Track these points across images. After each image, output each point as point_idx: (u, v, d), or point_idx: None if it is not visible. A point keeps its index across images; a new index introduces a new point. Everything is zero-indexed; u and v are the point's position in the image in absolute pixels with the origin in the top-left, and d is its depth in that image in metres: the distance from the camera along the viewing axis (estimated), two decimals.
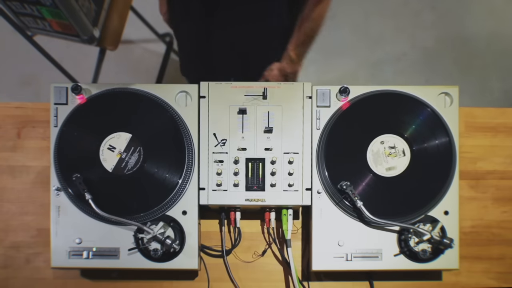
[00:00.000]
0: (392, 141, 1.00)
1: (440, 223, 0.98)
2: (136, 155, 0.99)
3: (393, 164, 1.00)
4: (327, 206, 1.00)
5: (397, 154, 1.00)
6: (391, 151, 1.00)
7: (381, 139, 1.00)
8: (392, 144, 1.00)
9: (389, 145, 1.00)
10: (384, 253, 0.99)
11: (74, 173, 0.97)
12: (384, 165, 1.00)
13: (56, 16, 1.58)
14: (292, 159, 0.99)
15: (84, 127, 1.01)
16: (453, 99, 1.02)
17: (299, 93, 1.01)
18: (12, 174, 1.12)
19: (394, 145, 1.00)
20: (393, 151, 1.00)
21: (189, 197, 0.99)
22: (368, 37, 2.37)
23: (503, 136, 1.15)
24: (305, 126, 1.01)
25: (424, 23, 2.40)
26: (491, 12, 2.42)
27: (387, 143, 1.00)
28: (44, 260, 1.09)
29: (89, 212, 0.99)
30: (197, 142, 1.01)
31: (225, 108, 1.00)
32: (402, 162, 1.00)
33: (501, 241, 1.11)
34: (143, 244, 0.97)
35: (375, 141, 1.00)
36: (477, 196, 1.13)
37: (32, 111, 1.14)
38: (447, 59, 2.35)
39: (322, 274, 1.07)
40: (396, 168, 1.00)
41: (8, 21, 1.67)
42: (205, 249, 1.07)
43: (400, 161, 1.00)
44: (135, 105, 1.02)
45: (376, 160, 1.00)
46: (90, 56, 1.97)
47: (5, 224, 1.11)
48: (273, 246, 1.07)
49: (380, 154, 1.00)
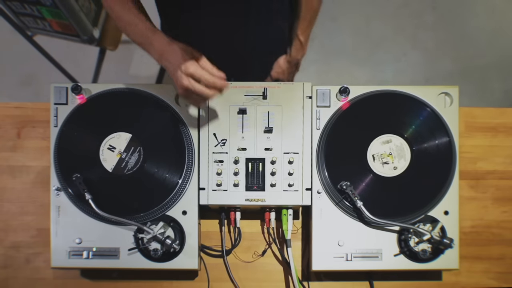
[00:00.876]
0: (392, 141, 1.00)
1: (440, 223, 0.98)
2: (136, 155, 0.99)
3: (393, 164, 1.00)
4: (327, 206, 1.00)
5: (397, 154, 1.00)
6: (391, 151, 1.00)
7: (381, 139, 1.00)
8: (392, 144, 1.00)
9: (389, 145, 1.00)
10: (384, 253, 0.99)
11: (74, 173, 0.97)
12: (384, 165, 1.00)
13: (56, 16, 1.58)
14: (292, 159, 0.99)
15: (84, 127, 1.01)
16: (453, 99, 1.02)
17: (299, 93, 1.01)
18: (12, 174, 1.12)
19: (394, 145, 1.00)
20: (393, 151, 1.00)
21: (189, 197, 0.99)
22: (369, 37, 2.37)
23: (503, 136, 1.15)
24: (305, 126, 1.01)
25: (424, 24, 2.40)
26: (492, 13, 2.42)
27: (387, 143, 1.00)
28: (44, 260, 1.09)
29: (89, 212, 0.99)
30: (197, 142, 1.01)
31: (225, 108, 1.00)
32: (402, 162, 1.00)
33: (501, 241, 1.11)
34: (143, 244, 0.97)
35: (375, 141, 1.00)
36: (477, 196, 1.13)
37: (32, 111, 1.14)
38: (447, 59, 2.34)
39: (322, 274, 1.07)
40: (396, 168, 1.00)
41: (8, 21, 1.67)
42: (205, 249, 1.07)
43: (400, 161, 1.00)
44: (135, 105, 1.02)
45: (376, 160, 1.00)
46: (90, 56, 1.97)
47: (5, 224, 1.11)
48: (273, 246, 1.07)
49: (380, 154, 1.00)
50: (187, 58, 0.86)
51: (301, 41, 1.18)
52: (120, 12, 0.98)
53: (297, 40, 1.18)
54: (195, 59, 0.87)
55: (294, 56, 1.22)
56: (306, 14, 1.13)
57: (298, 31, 1.17)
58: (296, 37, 1.18)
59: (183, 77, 0.86)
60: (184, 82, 0.86)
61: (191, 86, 0.86)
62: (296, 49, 1.20)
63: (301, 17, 1.14)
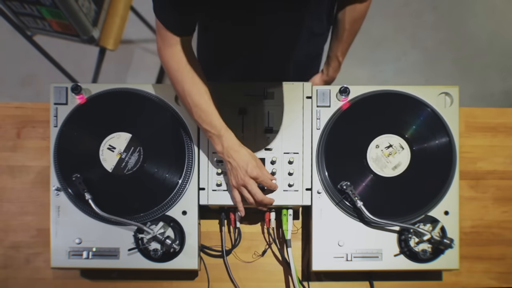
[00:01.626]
0: (392, 141, 1.00)
1: (440, 223, 0.98)
2: (136, 155, 0.99)
3: (393, 164, 1.00)
4: (327, 206, 1.00)
5: (397, 154, 1.00)
6: (391, 151, 1.00)
7: (381, 139, 1.00)
8: (392, 144, 1.00)
9: (389, 145, 1.00)
10: (384, 253, 0.99)
11: (74, 173, 0.97)
12: (384, 165, 1.00)
13: (56, 16, 1.58)
14: (292, 159, 0.99)
15: (84, 127, 1.01)
16: (453, 99, 1.02)
17: (299, 93, 1.01)
18: (12, 174, 1.12)
19: (394, 145, 1.00)
20: (393, 151, 1.00)
21: (189, 197, 0.99)
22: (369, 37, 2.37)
23: (503, 136, 1.15)
24: (305, 126, 1.01)
25: (424, 24, 2.40)
26: (492, 13, 2.42)
27: (387, 143, 1.00)
28: (44, 260, 1.08)
29: (89, 212, 0.99)
30: (197, 142, 1.01)
31: (225, 108, 1.00)
32: (402, 162, 1.00)
33: (501, 241, 1.11)
34: (143, 244, 0.97)
35: (375, 141, 1.00)
36: (477, 196, 1.13)
37: (32, 111, 1.14)
38: (447, 59, 2.34)
39: (322, 274, 1.07)
40: (396, 168, 1.00)
41: (8, 21, 1.67)
42: (205, 249, 1.07)
43: (400, 161, 1.00)
44: (135, 105, 1.02)
45: (376, 160, 1.00)
46: (90, 56, 1.97)
47: (5, 224, 1.11)
48: (273, 246, 1.07)
49: (380, 154, 1.00)
50: (254, 163, 0.92)
51: (340, 62, 1.17)
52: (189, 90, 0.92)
53: (336, 61, 1.16)
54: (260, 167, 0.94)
55: (331, 76, 1.20)
56: (348, 38, 1.11)
57: (338, 52, 1.15)
58: (336, 58, 1.16)
59: (245, 178, 0.92)
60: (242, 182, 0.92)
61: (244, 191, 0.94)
62: (334, 70, 1.19)
63: (343, 40, 1.11)
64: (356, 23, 1.09)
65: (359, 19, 1.08)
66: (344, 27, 1.08)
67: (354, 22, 1.08)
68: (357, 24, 1.09)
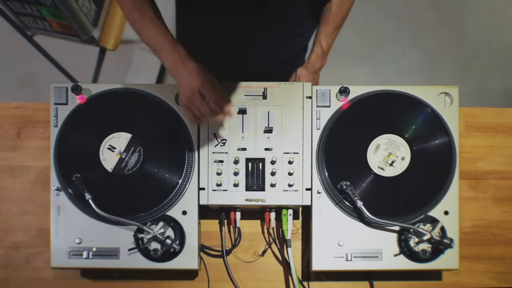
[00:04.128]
0: (392, 141, 1.00)
1: (440, 223, 0.98)
2: (136, 155, 0.99)
3: (393, 164, 1.00)
4: (327, 206, 1.00)
5: (397, 154, 1.00)
6: (391, 151, 1.00)
7: (381, 139, 1.00)
8: (392, 144, 1.00)
9: (389, 145, 1.00)
10: (384, 253, 0.99)
11: (74, 173, 0.97)
12: (384, 165, 1.00)
13: (56, 16, 1.58)
14: (292, 159, 0.99)
15: (84, 127, 1.01)
16: (453, 99, 1.02)
17: (299, 93, 1.01)
18: (12, 174, 1.12)
19: (394, 145, 1.00)
20: (393, 151, 1.00)
21: (189, 197, 0.99)
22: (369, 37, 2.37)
23: (503, 136, 1.15)
24: (305, 126, 1.01)
25: (424, 24, 2.40)
26: (491, 12, 2.42)
27: (387, 143, 1.00)
28: (44, 260, 1.09)
29: (89, 212, 0.99)
30: (197, 142, 1.01)
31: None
32: (402, 162, 1.00)
33: (501, 241, 1.11)
34: (143, 244, 0.97)
35: (375, 141, 1.00)
36: (477, 196, 1.13)
37: (32, 111, 1.14)
38: (447, 59, 2.34)
39: (322, 274, 1.07)
40: (396, 168, 1.00)
41: (8, 21, 1.67)
42: (205, 249, 1.07)
43: (400, 161, 1.00)
44: (135, 105, 1.02)
45: (376, 160, 1.00)
46: (90, 56, 1.96)
47: (5, 224, 1.11)
48: (273, 246, 1.07)
49: (380, 154, 1.00)
50: (202, 74, 0.89)
51: (323, 47, 1.09)
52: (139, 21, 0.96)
53: (318, 46, 1.09)
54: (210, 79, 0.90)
55: (312, 64, 1.12)
56: (333, 20, 1.05)
57: (322, 36, 1.07)
58: (319, 43, 1.09)
59: (193, 87, 0.88)
60: (191, 92, 0.89)
61: (197, 98, 0.89)
62: (317, 56, 1.11)
63: (328, 22, 1.05)
64: (342, 5, 1.06)
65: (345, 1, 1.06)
66: (330, 8, 1.06)
67: (340, 4, 1.06)
68: (343, 6, 1.06)
